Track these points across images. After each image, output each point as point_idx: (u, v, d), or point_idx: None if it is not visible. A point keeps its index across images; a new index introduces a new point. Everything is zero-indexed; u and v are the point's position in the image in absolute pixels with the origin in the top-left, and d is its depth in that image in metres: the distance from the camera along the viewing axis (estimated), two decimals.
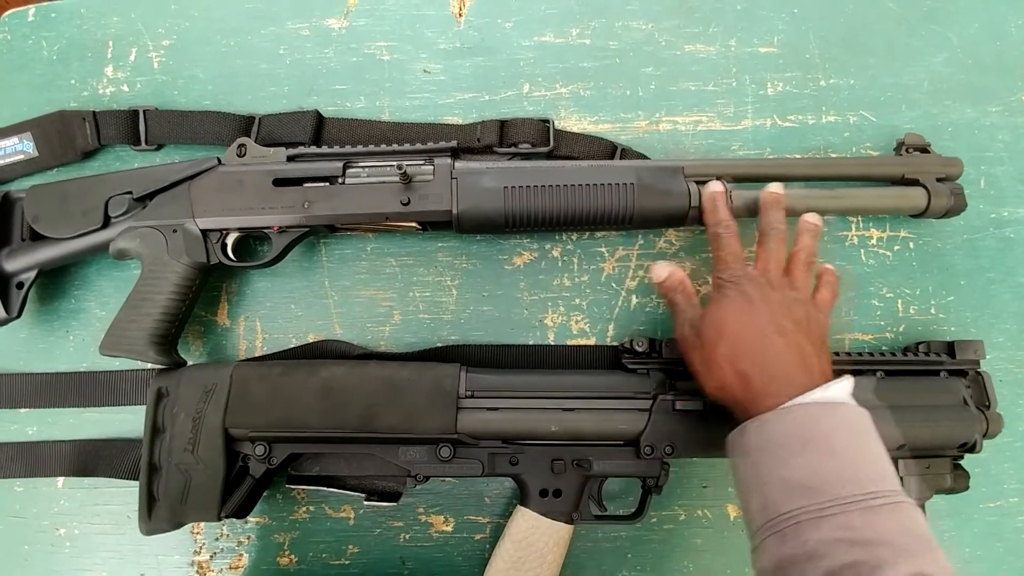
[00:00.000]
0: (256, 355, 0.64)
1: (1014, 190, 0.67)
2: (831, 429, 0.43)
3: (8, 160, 0.66)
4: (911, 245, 0.66)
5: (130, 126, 0.65)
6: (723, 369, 0.48)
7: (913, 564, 0.36)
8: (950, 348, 0.60)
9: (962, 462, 0.59)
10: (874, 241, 0.66)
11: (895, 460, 0.56)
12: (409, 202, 0.58)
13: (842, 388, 0.46)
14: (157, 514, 0.54)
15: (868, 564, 0.36)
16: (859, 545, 0.37)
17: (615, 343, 0.64)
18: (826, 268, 0.56)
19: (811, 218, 0.56)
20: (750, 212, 0.60)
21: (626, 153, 0.65)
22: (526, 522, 0.56)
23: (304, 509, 0.62)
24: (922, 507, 0.57)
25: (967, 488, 0.58)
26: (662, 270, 0.56)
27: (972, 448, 0.57)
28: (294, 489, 0.62)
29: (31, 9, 0.71)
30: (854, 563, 0.36)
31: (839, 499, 0.39)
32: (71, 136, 0.66)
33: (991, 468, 0.63)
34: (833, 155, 0.66)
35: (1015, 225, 0.66)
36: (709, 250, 0.65)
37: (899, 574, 0.35)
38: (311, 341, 0.63)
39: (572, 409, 0.55)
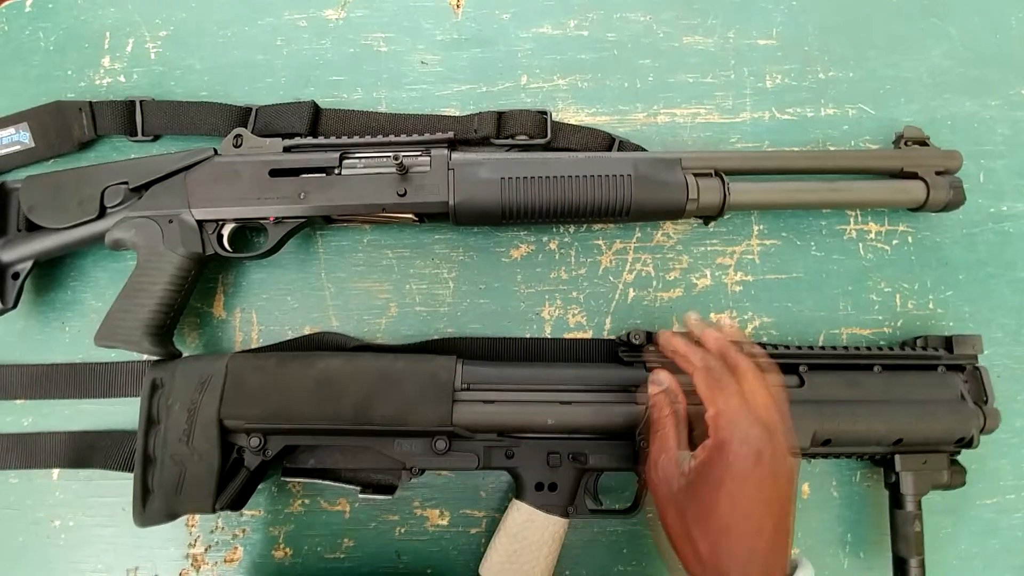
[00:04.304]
0: (252, 347, 0.64)
1: (1013, 184, 0.66)
2: None
3: (4, 151, 0.65)
4: (909, 239, 0.65)
5: (127, 117, 0.65)
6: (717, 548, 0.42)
7: None
8: (948, 343, 0.59)
9: (959, 458, 0.59)
10: (872, 235, 0.65)
11: (892, 455, 0.57)
12: (406, 193, 0.57)
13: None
14: (152, 505, 0.54)
15: None
16: None
17: (612, 336, 0.63)
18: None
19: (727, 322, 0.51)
20: (755, 206, 0.61)
21: (624, 145, 0.64)
22: (521, 516, 0.55)
23: (299, 502, 0.62)
24: (918, 503, 0.57)
25: (964, 484, 0.58)
26: (663, 377, 0.50)
27: (969, 443, 0.56)
28: (289, 482, 0.62)
29: None
30: None
31: None
32: (68, 127, 0.65)
33: (988, 465, 0.63)
34: (832, 148, 0.66)
35: (1014, 220, 0.66)
36: (707, 243, 0.65)
37: None
38: (307, 333, 0.63)
39: (568, 402, 0.55)
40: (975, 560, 0.62)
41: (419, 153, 0.59)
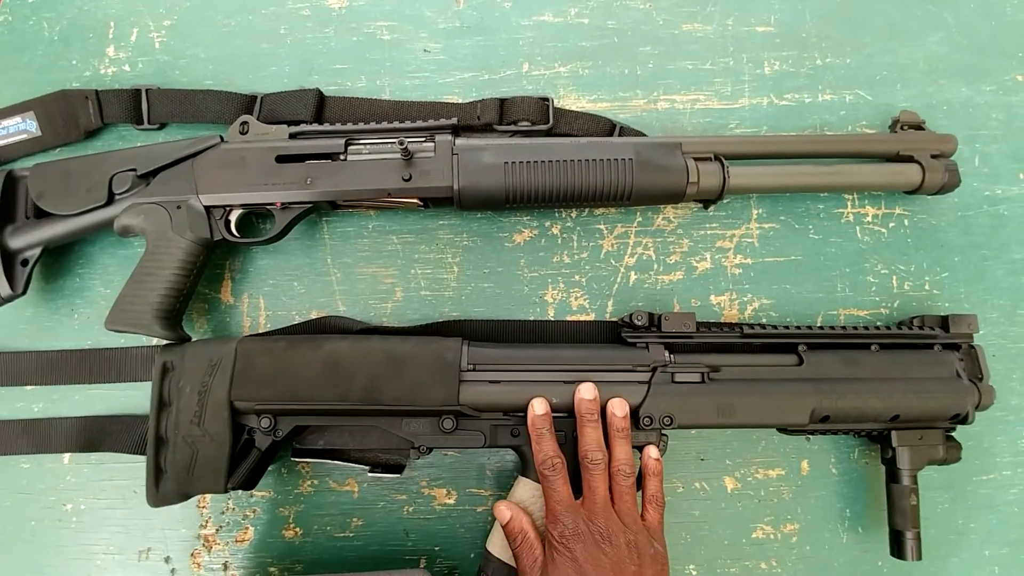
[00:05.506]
0: (260, 332, 0.65)
1: (1007, 168, 0.68)
2: None
3: (11, 140, 0.66)
4: (906, 222, 0.67)
5: (132, 105, 0.66)
6: None
7: None
8: (944, 322, 0.60)
9: (955, 435, 0.60)
10: (869, 218, 0.67)
11: (889, 432, 0.58)
12: (410, 178, 0.58)
13: None
14: (164, 486, 0.55)
15: None
16: None
17: (614, 319, 0.65)
18: (648, 480, 0.55)
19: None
20: (754, 189, 0.62)
21: (624, 131, 0.65)
22: (527, 492, 0.56)
23: (309, 483, 0.63)
24: (914, 478, 0.58)
25: (959, 459, 0.59)
26: (504, 512, 0.54)
27: (964, 419, 0.58)
28: (299, 463, 0.63)
29: None
30: None
31: None
32: (74, 115, 0.66)
33: (984, 442, 0.64)
34: (829, 132, 0.67)
35: (1008, 202, 0.67)
36: (707, 227, 0.66)
37: None
38: (314, 317, 0.64)
39: (572, 382, 0.56)
40: (972, 535, 0.63)
41: (423, 139, 0.59)
